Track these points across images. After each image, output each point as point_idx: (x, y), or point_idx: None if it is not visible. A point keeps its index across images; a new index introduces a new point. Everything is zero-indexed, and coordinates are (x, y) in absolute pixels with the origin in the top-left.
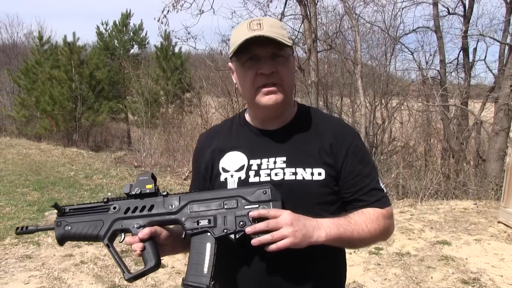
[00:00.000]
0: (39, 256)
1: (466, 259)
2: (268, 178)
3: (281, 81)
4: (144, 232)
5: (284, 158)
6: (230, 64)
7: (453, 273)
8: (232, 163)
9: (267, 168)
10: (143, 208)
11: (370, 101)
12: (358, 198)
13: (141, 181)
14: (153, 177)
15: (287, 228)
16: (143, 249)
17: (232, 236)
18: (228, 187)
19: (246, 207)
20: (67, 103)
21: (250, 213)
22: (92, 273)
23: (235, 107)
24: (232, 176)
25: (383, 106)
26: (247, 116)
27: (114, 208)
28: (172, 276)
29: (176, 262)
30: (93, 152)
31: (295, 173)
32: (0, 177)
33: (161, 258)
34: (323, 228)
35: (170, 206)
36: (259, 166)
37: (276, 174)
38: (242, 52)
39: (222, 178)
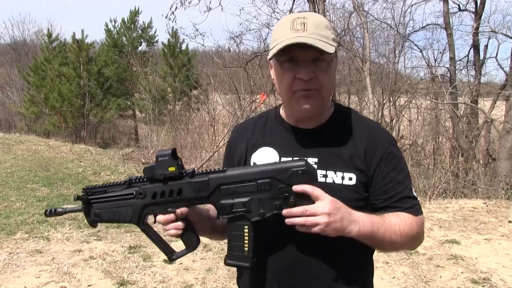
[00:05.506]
0: (49, 251)
1: (476, 258)
2: None
3: (319, 86)
4: (183, 209)
5: (315, 159)
6: (268, 58)
7: (462, 272)
8: (264, 159)
9: None
10: (171, 192)
11: (378, 99)
12: (389, 205)
13: (161, 162)
14: (174, 155)
15: (323, 217)
16: (185, 228)
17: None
18: None
19: (281, 188)
20: (75, 100)
21: (294, 187)
22: (101, 269)
23: (243, 104)
24: None
25: (391, 104)
26: (282, 112)
27: (140, 194)
28: (180, 272)
29: (184, 259)
30: (101, 148)
31: (325, 176)
32: (11, 173)
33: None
34: (357, 224)
35: (199, 191)
36: None
37: None
38: (281, 53)
39: None
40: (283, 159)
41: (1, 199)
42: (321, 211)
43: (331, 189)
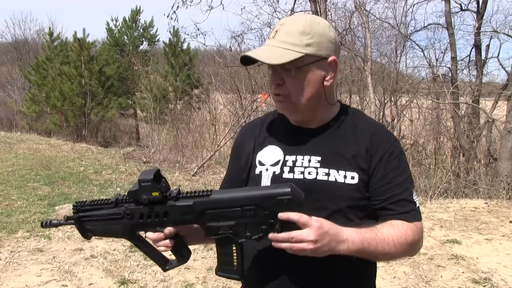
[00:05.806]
0: (50, 250)
1: (477, 258)
2: (301, 176)
3: (288, 92)
4: (171, 229)
5: (319, 158)
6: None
7: (463, 272)
8: (269, 157)
9: (301, 166)
10: (157, 215)
11: (379, 99)
12: (385, 206)
13: (144, 188)
14: (157, 178)
15: (309, 244)
16: (174, 245)
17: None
18: (262, 181)
19: (266, 214)
20: (76, 98)
21: (280, 215)
22: (102, 267)
23: (244, 103)
24: (267, 170)
25: (392, 103)
26: None
27: (127, 215)
28: (181, 271)
29: None
30: (102, 147)
31: (328, 174)
32: (12, 172)
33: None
34: (346, 244)
35: (184, 214)
36: (294, 162)
37: (309, 173)
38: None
39: (257, 171)
40: (287, 157)
41: (2, 197)
42: (307, 239)
43: (334, 187)
